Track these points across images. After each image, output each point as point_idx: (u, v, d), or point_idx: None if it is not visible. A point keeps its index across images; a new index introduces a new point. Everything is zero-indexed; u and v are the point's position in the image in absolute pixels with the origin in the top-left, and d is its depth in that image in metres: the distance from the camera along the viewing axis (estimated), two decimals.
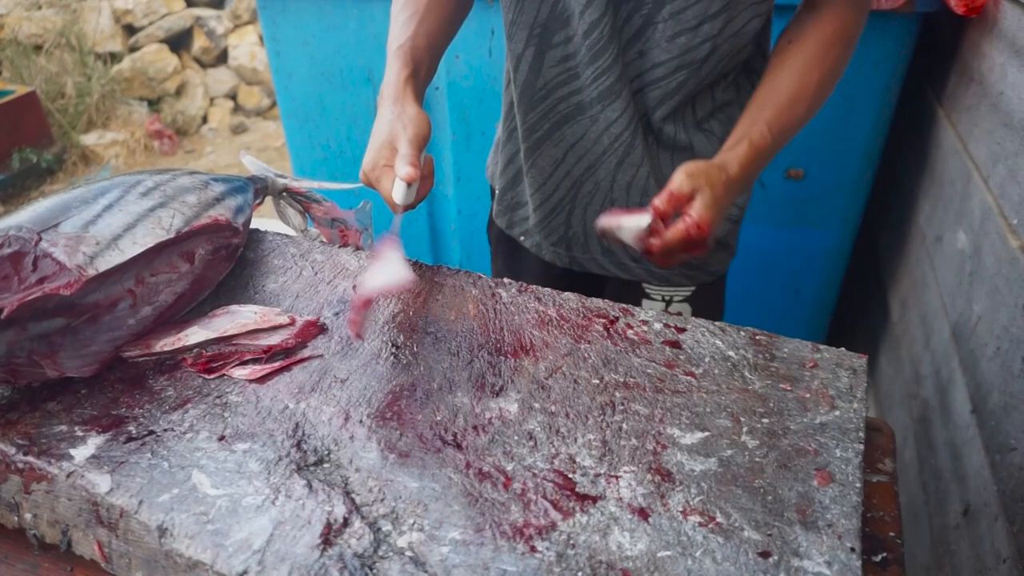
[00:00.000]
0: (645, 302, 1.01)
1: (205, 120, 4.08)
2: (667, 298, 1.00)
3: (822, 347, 0.61)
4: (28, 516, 0.50)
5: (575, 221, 0.97)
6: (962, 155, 1.15)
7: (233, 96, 4.22)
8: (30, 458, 0.50)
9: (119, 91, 3.93)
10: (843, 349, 0.61)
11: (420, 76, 0.85)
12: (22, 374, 0.55)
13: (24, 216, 0.57)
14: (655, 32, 0.81)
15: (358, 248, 0.86)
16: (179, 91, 4.11)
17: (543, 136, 0.92)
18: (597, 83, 0.85)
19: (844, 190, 1.50)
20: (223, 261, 0.70)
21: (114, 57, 4.05)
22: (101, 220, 0.59)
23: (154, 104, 4.03)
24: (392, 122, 0.77)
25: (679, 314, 0.82)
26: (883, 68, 1.36)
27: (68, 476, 0.48)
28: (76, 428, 0.53)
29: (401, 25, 0.86)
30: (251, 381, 0.57)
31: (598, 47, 0.82)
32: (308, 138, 1.79)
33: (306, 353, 0.60)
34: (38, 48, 3.93)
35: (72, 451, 0.50)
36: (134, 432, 0.52)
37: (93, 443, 0.51)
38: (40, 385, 0.56)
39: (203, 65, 4.27)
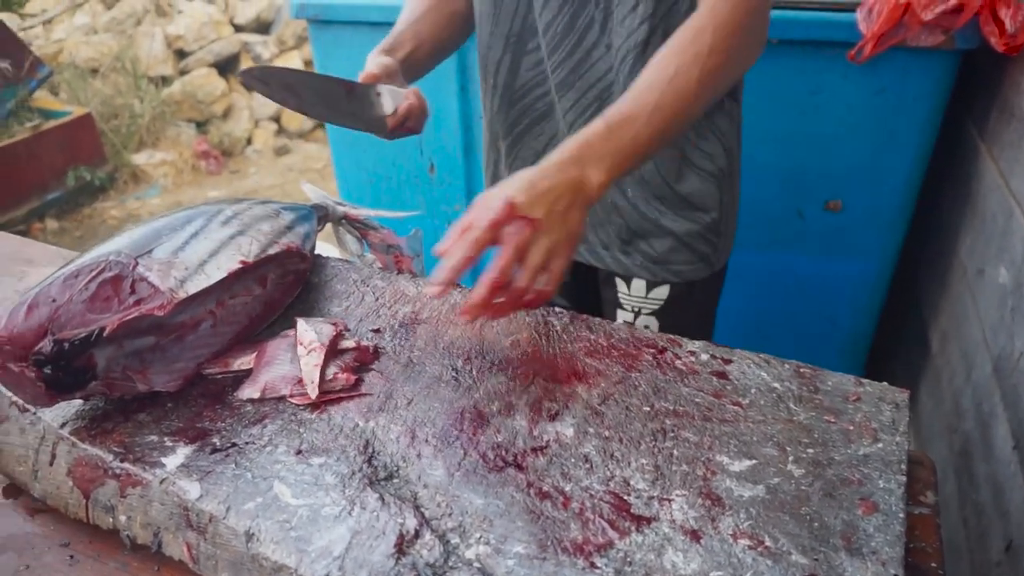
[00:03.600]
0: (619, 311, 1.06)
1: (250, 142, 4.21)
2: (636, 309, 1.05)
3: (865, 381, 0.63)
4: (123, 518, 0.54)
5: None
6: (1003, 190, 1.17)
7: (277, 119, 4.35)
8: (126, 465, 0.55)
9: (169, 113, 4.08)
10: (885, 384, 0.63)
11: (395, 52, 0.97)
12: (116, 387, 0.60)
13: (121, 243, 0.62)
14: (610, 21, 0.88)
15: (412, 274, 0.90)
16: (226, 113, 4.25)
17: (523, 130, 1.02)
18: (555, 75, 0.94)
19: (883, 222, 1.51)
20: (292, 285, 0.75)
21: (165, 80, 4.21)
22: (189, 247, 0.64)
23: (202, 126, 4.18)
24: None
25: (647, 327, 0.86)
26: (922, 103, 1.38)
27: (161, 482, 0.53)
28: (165, 438, 0.57)
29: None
30: (324, 403, 0.61)
31: (554, 43, 0.92)
32: (355, 162, 1.86)
33: (372, 375, 0.64)
34: (94, 71, 4.11)
35: (163, 459, 0.55)
36: (218, 444, 0.56)
37: (182, 453, 0.56)
38: (131, 398, 0.61)
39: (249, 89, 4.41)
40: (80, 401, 0.61)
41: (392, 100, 1.01)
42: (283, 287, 0.74)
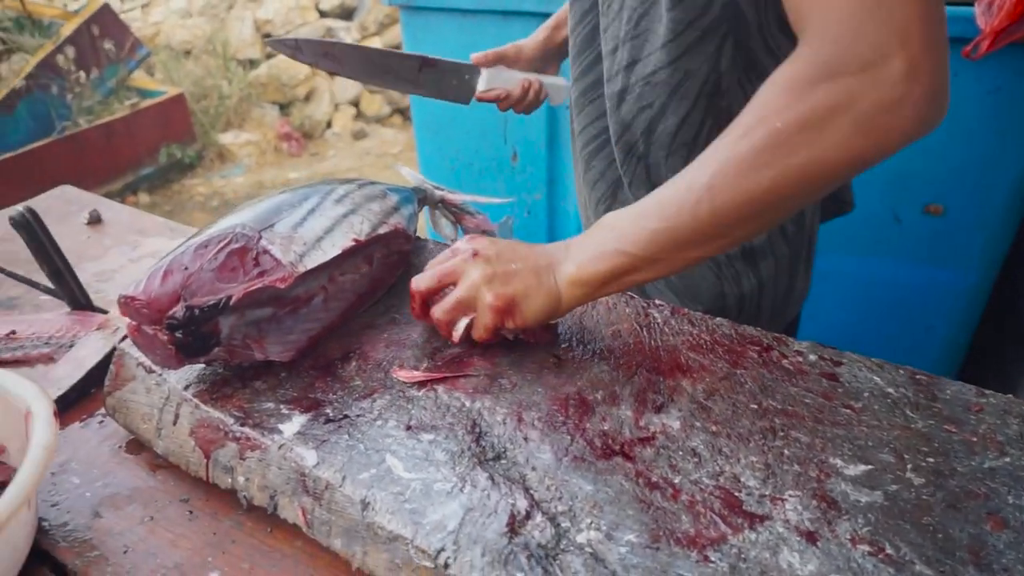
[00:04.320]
0: None
1: (329, 125, 4.32)
2: None
3: (987, 392, 0.60)
4: (241, 479, 0.57)
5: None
6: None
7: (356, 103, 4.45)
8: (246, 429, 0.57)
9: (255, 95, 4.22)
10: (1010, 396, 0.60)
11: (561, 28, 1.05)
12: (236, 354, 0.62)
13: (245, 216, 0.65)
14: (603, 57, 0.82)
15: None
16: (308, 97, 4.36)
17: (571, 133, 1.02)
18: (575, 87, 0.90)
19: (986, 229, 1.44)
20: (395, 265, 0.77)
21: (252, 63, 4.35)
22: (307, 223, 0.67)
23: (285, 108, 4.31)
24: None
25: None
26: None
27: (279, 448, 0.55)
28: (282, 406, 0.59)
29: None
30: (430, 381, 0.62)
31: (575, 51, 0.89)
32: (438, 149, 1.88)
33: (475, 357, 0.65)
34: (187, 53, 4.28)
35: (280, 426, 0.57)
36: (331, 415, 0.58)
37: (298, 421, 0.58)
38: (247, 366, 0.64)
39: (330, 73, 4.52)
40: (201, 366, 0.64)
41: (487, 82, 1.05)
42: (387, 267, 0.75)
